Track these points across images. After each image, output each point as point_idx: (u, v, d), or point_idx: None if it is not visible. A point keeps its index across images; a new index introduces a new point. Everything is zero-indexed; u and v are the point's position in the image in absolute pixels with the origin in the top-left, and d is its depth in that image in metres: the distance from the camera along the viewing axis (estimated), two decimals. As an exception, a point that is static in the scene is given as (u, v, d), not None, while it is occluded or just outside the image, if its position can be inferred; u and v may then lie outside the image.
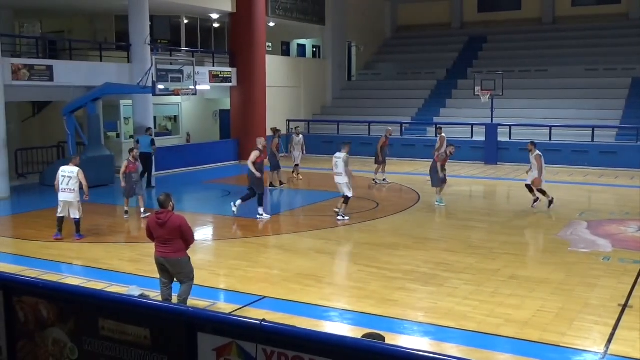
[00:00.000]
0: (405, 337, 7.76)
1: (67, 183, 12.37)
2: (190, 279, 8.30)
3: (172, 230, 8.00)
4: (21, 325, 4.68)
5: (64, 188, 12.40)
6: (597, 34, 30.46)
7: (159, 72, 18.67)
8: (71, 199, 12.40)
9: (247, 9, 25.02)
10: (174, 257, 8.09)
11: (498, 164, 24.10)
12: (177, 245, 8.07)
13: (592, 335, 7.77)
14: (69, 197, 12.39)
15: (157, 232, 8.08)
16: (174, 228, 8.00)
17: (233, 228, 14.33)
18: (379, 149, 19.20)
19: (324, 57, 32.52)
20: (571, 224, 13.78)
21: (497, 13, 34.41)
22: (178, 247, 8.08)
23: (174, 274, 8.25)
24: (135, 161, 14.88)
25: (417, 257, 11.27)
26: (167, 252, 8.08)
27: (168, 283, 8.32)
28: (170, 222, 7.99)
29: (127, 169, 14.55)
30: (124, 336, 4.24)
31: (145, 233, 8.50)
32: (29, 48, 23.68)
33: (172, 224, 8.00)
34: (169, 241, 8.04)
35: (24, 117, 24.40)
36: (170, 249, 8.05)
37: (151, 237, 8.28)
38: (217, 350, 3.87)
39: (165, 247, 8.07)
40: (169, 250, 8.06)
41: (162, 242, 8.08)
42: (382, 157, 19.27)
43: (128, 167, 14.55)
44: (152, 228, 8.13)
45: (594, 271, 10.35)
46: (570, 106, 26.23)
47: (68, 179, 12.37)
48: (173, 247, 8.05)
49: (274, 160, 18.73)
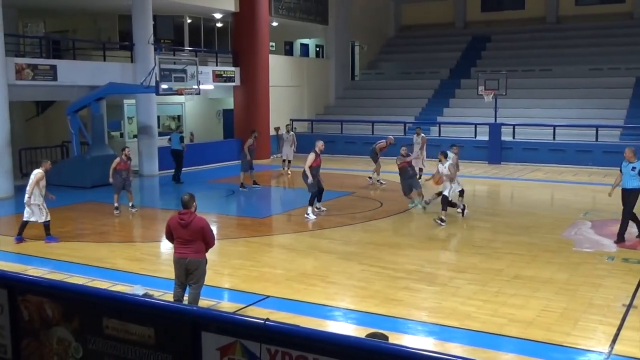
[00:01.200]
0: (409, 336, 7.75)
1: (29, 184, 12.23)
2: (201, 282, 8.18)
3: (195, 231, 7.92)
4: (26, 323, 4.68)
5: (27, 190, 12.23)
6: (601, 33, 30.38)
7: (163, 72, 18.69)
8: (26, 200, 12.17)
9: (250, 8, 25.04)
10: (195, 258, 8.01)
11: (502, 163, 24.06)
12: (198, 247, 8.00)
13: (596, 335, 7.75)
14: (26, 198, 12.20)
15: (178, 232, 7.98)
16: (197, 230, 7.92)
17: (236, 227, 14.33)
18: (378, 150, 19.13)
19: (327, 56, 32.52)
20: (575, 224, 13.75)
21: (501, 12, 34.37)
22: (198, 249, 8.02)
23: (189, 275, 8.09)
24: (128, 160, 15.21)
25: (421, 256, 11.26)
26: (187, 253, 7.99)
27: (183, 284, 8.21)
28: (193, 223, 7.91)
29: (117, 166, 14.92)
30: (128, 335, 4.24)
31: (146, 232, 8.50)
32: (32, 48, 23.72)
33: (195, 225, 7.92)
34: (190, 242, 7.95)
35: (27, 116, 24.44)
36: (190, 249, 7.97)
37: (170, 238, 8.19)
38: (221, 349, 3.87)
39: (186, 248, 7.98)
40: (189, 251, 7.98)
41: (182, 243, 7.99)
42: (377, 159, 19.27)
43: (119, 164, 14.95)
44: (174, 228, 8.02)
45: (598, 271, 10.33)
46: (574, 106, 26.18)
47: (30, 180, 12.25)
48: (194, 248, 7.97)
49: (245, 160, 18.64)
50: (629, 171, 12.00)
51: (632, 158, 12.06)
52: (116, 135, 24.06)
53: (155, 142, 22.02)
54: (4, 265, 10.48)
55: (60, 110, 21.47)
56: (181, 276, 8.15)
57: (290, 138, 21.63)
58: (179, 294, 8.25)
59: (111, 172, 14.93)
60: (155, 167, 21.96)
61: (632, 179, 11.98)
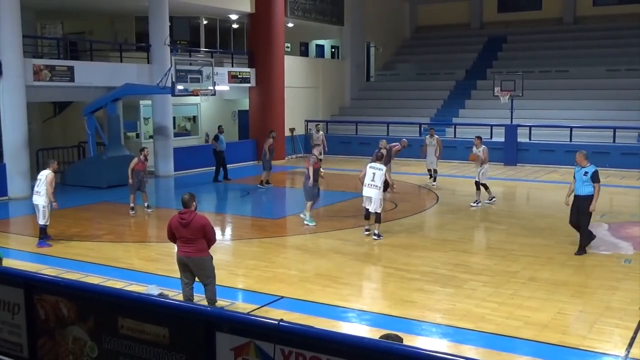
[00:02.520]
0: (423, 338, 7.73)
1: (37, 185, 12.28)
2: (212, 279, 8.32)
3: (196, 230, 8.00)
4: (42, 323, 4.73)
5: (35, 190, 12.36)
6: (618, 34, 30.08)
7: (179, 73, 18.79)
8: (37, 201, 12.21)
9: (265, 9, 25.09)
10: (198, 256, 8.11)
11: (517, 165, 23.92)
12: (200, 245, 8.09)
13: (612, 339, 7.68)
14: (36, 199, 12.26)
15: (179, 232, 8.06)
16: (198, 228, 8.01)
17: (250, 228, 14.36)
18: (393, 154, 19.01)
19: (342, 57, 32.50)
20: (592, 226, 13.61)
21: (517, 13, 34.15)
22: (201, 247, 8.10)
23: (196, 273, 8.27)
24: (145, 160, 15.37)
25: (436, 258, 11.22)
26: (190, 251, 8.08)
27: (190, 283, 8.33)
28: (193, 222, 8.00)
29: (135, 167, 15.02)
30: (142, 335, 4.27)
31: (161, 233, 8.54)
32: (50, 49, 23.95)
33: (196, 223, 8.01)
34: (192, 241, 8.04)
35: (45, 117, 24.68)
36: (193, 248, 8.06)
37: (172, 238, 8.27)
38: (235, 349, 3.88)
39: (188, 247, 8.07)
40: (191, 250, 8.07)
41: (184, 242, 8.08)
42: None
43: (137, 164, 15.06)
44: (175, 228, 8.10)
45: (615, 274, 10.24)
46: (591, 107, 25.97)
47: (39, 181, 12.29)
48: (196, 246, 8.06)
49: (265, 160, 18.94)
50: (581, 177, 11.13)
51: (582, 162, 11.23)
52: (132, 136, 24.21)
53: (171, 142, 22.14)
54: (20, 264, 10.58)
55: (77, 111, 21.64)
56: (186, 275, 8.26)
57: (320, 138, 21.71)
58: (188, 293, 8.35)
59: (130, 172, 15.03)
60: (171, 168, 22.07)
61: (584, 185, 11.14)
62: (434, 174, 19.35)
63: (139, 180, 15.14)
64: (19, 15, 17.30)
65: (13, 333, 4.91)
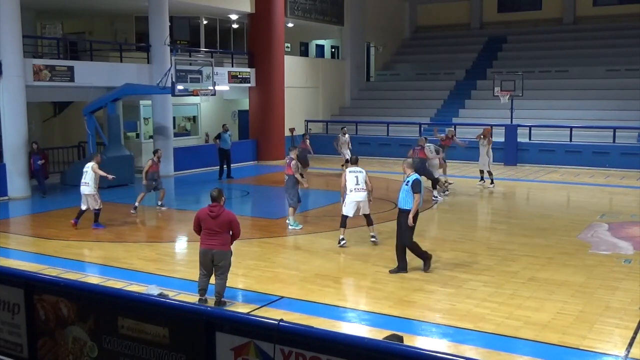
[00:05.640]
0: (423, 338, 7.72)
1: (84, 177, 13.52)
2: (226, 272, 8.68)
3: (223, 223, 8.43)
4: (42, 323, 4.72)
5: (82, 182, 13.55)
6: (618, 34, 30.08)
7: (178, 73, 18.78)
8: (87, 191, 13.44)
9: (265, 9, 25.09)
10: (221, 249, 8.48)
11: (517, 165, 23.92)
12: (224, 239, 8.51)
13: (612, 339, 7.68)
14: (84, 190, 13.47)
15: (207, 223, 8.43)
16: (225, 222, 8.44)
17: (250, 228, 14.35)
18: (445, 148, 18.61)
19: (342, 57, 32.50)
20: (592, 226, 13.64)
21: (517, 13, 34.13)
22: (225, 240, 8.51)
23: (215, 264, 8.55)
24: (158, 162, 15.62)
25: (436, 258, 11.20)
26: (214, 244, 8.44)
27: (208, 274, 8.70)
28: (222, 215, 8.44)
29: (150, 169, 15.32)
30: (142, 335, 4.27)
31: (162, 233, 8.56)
32: (50, 49, 23.96)
33: (225, 217, 8.45)
34: (218, 234, 8.43)
35: (45, 117, 24.68)
36: (217, 241, 8.45)
37: (197, 229, 8.63)
38: (234, 349, 3.88)
39: (213, 239, 8.45)
40: (216, 243, 8.45)
41: (210, 234, 8.45)
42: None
43: (151, 167, 15.36)
44: (203, 219, 8.48)
45: (615, 274, 10.23)
46: (591, 107, 25.98)
47: (85, 174, 13.52)
48: (221, 239, 8.46)
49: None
50: (404, 186, 10.17)
51: (406, 170, 10.39)
52: (132, 136, 24.21)
53: (171, 142, 22.13)
54: (20, 264, 10.59)
55: (77, 111, 21.64)
56: (207, 266, 8.61)
57: (346, 139, 22.22)
58: (204, 283, 8.73)
59: (144, 175, 15.36)
60: (171, 168, 22.05)
61: (407, 196, 10.10)
62: (489, 176, 18.51)
63: (153, 182, 15.37)
64: (19, 15, 17.30)
65: (13, 333, 4.91)
